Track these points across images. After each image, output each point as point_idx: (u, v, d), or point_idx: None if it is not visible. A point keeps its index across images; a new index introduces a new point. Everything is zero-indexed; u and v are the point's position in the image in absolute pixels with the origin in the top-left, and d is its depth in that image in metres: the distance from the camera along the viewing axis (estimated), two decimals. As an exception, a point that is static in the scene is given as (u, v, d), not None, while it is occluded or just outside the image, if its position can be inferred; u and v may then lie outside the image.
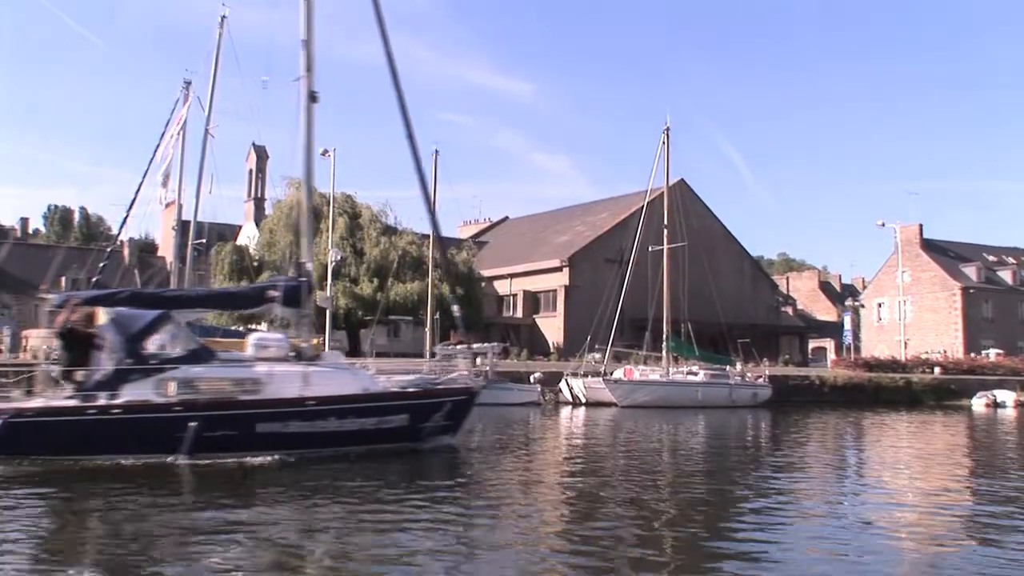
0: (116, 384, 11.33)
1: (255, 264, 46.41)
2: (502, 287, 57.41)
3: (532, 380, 31.68)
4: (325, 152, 34.11)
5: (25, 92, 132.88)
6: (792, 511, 9.36)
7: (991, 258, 66.51)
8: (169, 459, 10.88)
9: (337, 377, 12.71)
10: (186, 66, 30.78)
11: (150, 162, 27.80)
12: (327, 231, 39.38)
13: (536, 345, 50.54)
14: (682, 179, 49.73)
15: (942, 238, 65.69)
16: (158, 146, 27.80)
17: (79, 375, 11.56)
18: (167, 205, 40.12)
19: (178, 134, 27.69)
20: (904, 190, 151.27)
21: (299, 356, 12.87)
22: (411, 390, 13.68)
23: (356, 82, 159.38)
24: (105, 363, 11.61)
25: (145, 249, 68.02)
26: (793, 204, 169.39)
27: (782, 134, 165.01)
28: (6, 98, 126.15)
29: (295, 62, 14.91)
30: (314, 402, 11.85)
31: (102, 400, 11.19)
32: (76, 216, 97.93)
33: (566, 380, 32.21)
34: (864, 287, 75.78)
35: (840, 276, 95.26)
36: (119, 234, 34.76)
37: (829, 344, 73.08)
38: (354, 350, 42.07)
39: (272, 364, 12.24)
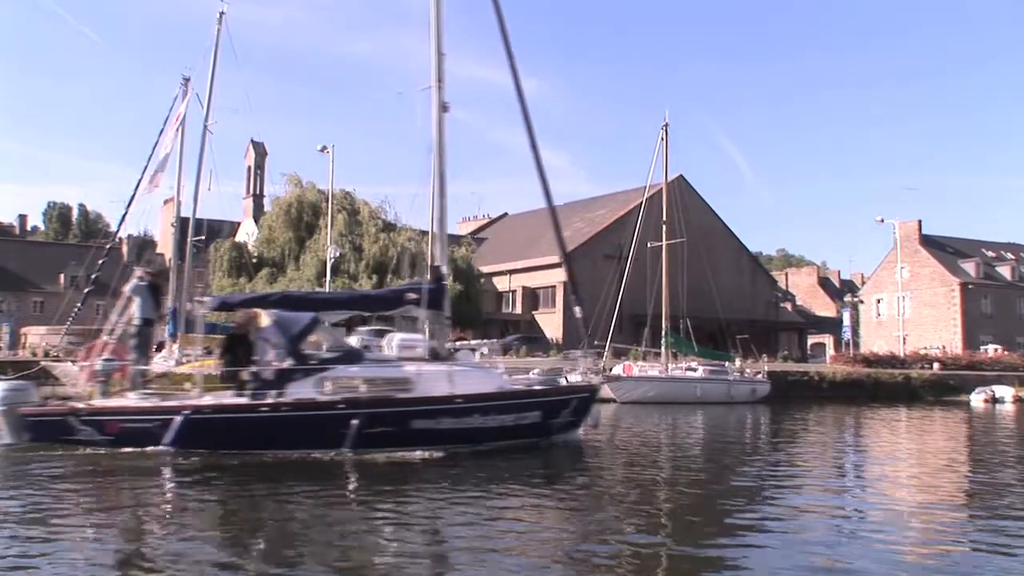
0: (280, 383, 11.94)
1: (254, 261, 46.44)
2: (501, 283, 57.40)
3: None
4: (324, 148, 34.06)
5: (23, 89, 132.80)
6: (791, 510, 9.37)
7: (990, 254, 66.53)
8: (332, 454, 11.44)
9: (476, 376, 13.41)
10: (185, 63, 30.75)
11: (149, 158, 27.82)
12: (326, 227, 39.34)
13: (535, 341, 50.57)
14: (681, 175, 49.72)
15: (941, 234, 65.70)
16: (157, 143, 27.82)
17: (243, 375, 12.27)
18: (165, 202, 40.14)
19: (177, 130, 27.67)
20: (903, 186, 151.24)
21: (436, 356, 13.48)
22: (542, 388, 14.46)
23: (355, 79, 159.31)
24: (268, 363, 12.25)
25: (144, 246, 67.93)
26: (792, 200, 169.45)
27: (781, 131, 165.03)
28: (5, 95, 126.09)
29: (295, 61, 14.83)
30: (462, 400, 12.48)
31: (272, 398, 11.82)
32: (75, 213, 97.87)
33: (565, 377, 32.15)
34: (863, 283, 75.82)
35: (839, 272, 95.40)
36: (118, 231, 34.73)
37: (828, 340, 73.14)
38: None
39: (419, 364, 12.92)
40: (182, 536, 7.27)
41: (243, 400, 11.94)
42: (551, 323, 52.73)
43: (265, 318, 12.72)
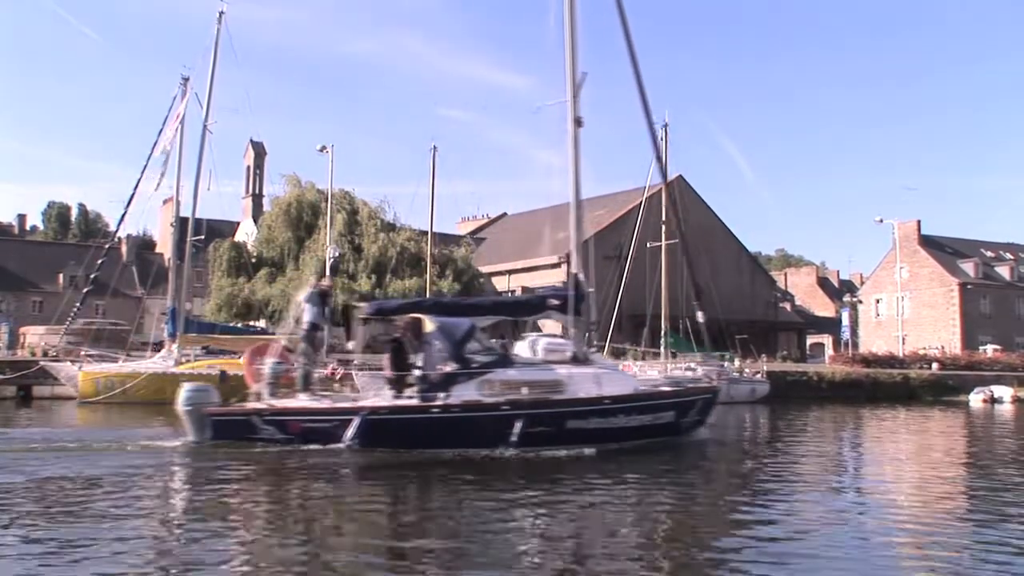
0: (445, 386, 12.68)
1: (253, 260, 46.42)
2: (500, 283, 57.40)
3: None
4: (323, 148, 34.06)
5: (23, 88, 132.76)
6: (790, 508, 9.38)
7: (989, 254, 66.59)
8: (496, 452, 12.08)
9: (615, 378, 14.20)
10: (184, 62, 30.73)
11: (148, 158, 27.86)
12: (325, 227, 39.33)
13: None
14: (680, 175, 49.73)
15: (940, 234, 65.75)
16: (156, 142, 27.84)
17: (409, 378, 13.03)
18: (165, 201, 40.14)
19: (176, 130, 27.69)
20: (903, 186, 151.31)
21: (576, 359, 13.98)
22: (673, 389, 15.21)
23: (355, 79, 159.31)
24: (432, 367, 12.93)
25: (143, 246, 67.99)
26: (791, 200, 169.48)
27: (781, 130, 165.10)
28: (5, 94, 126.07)
29: (295, 60, 15.00)
30: (609, 401, 13.23)
31: (442, 400, 12.56)
32: (74, 213, 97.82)
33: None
34: (862, 283, 75.89)
35: (838, 272, 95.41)
36: (117, 231, 34.76)
37: (827, 340, 73.18)
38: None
39: (568, 367, 13.60)
40: (361, 527, 7.91)
41: (415, 402, 12.70)
42: (550, 322, 52.66)
43: (429, 324, 13.34)
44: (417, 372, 13.01)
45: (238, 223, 61.51)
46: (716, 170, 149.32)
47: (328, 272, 34.14)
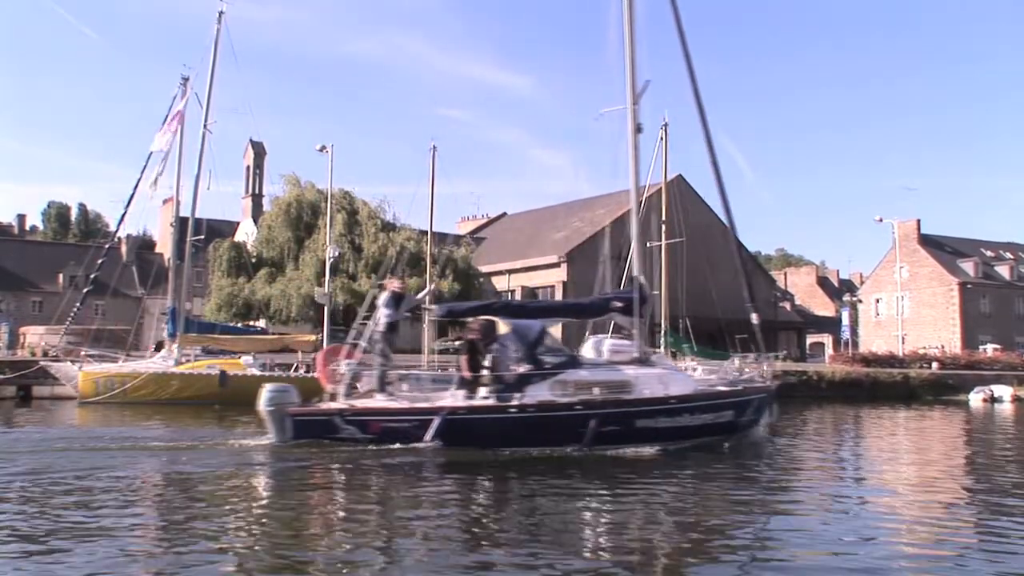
0: (520, 386, 13.03)
1: (253, 260, 46.41)
2: (500, 283, 57.41)
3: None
4: (323, 148, 34.01)
5: (23, 88, 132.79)
6: (788, 507, 9.38)
7: (989, 253, 66.62)
8: (569, 451, 12.53)
9: (677, 378, 14.52)
10: (184, 62, 30.71)
11: (148, 158, 27.84)
12: (325, 227, 39.31)
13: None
14: (680, 175, 49.73)
15: (940, 233, 65.75)
16: (155, 142, 27.82)
17: (484, 379, 13.39)
18: (164, 201, 40.12)
19: (176, 130, 27.68)
20: (903, 186, 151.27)
21: (638, 360, 14.31)
22: (730, 389, 15.34)
23: (355, 79, 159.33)
24: (506, 368, 13.34)
25: (143, 246, 67.98)
26: (791, 199, 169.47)
27: (781, 130, 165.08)
28: (4, 94, 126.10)
29: (294, 60, 15.11)
30: (675, 400, 13.60)
31: (518, 400, 12.92)
32: (74, 213, 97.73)
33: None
34: (862, 282, 75.92)
35: (838, 271, 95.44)
36: (117, 231, 34.72)
37: (827, 339, 73.21)
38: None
39: (634, 367, 13.98)
40: (443, 521, 8.29)
41: (492, 402, 13.06)
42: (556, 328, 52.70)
43: (503, 326, 13.88)
44: (487, 373, 13.41)
45: (238, 223, 61.51)
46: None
47: (328, 272, 34.11)
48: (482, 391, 13.24)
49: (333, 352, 14.68)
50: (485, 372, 13.39)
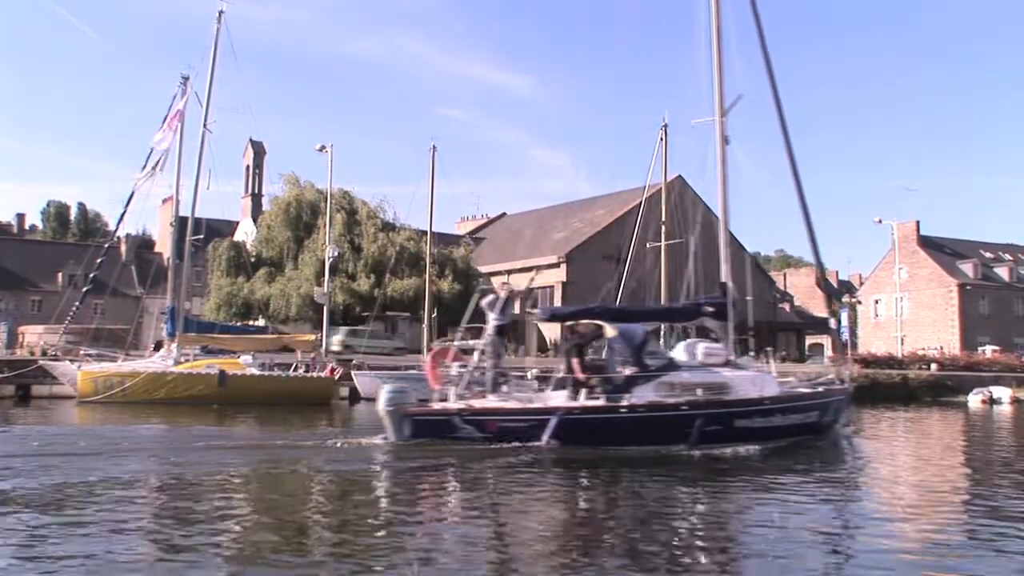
0: (627, 388, 13.58)
1: (252, 260, 46.42)
2: (499, 283, 57.39)
3: (530, 377, 31.57)
4: (322, 148, 34.04)
5: (23, 88, 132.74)
6: (788, 509, 9.38)
7: (988, 255, 66.65)
8: (676, 450, 12.97)
9: (766, 380, 15.02)
10: (184, 61, 30.70)
11: (147, 158, 27.81)
12: (324, 227, 39.34)
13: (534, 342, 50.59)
14: (680, 175, 49.72)
15: (939, 235, 65.77)
16: (153, 141, 27.78)
17: (594, 380, 13.90)
18: (164, 201, 40.11)
19: (175, 129, 27.64)
20: (903, 187, 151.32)
21: (729, 363, 14.87)
22: (813, 391, 15.93)
23: (354, 78, 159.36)
24: (614, 370, 13.96)
25: (143, 245, 67.95)
26: (791, 200, 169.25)
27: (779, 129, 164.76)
28: (4, 93, 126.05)
29: (294, 60, 15.19)
30: (769, 401, 14.24)
31: (627, 400, 13.42)
32: (73, 212, 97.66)
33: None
34: (861, 283, 75.97)
35: (837, 272, 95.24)
36: (116, 230, 34.64)
37: (826, 340, 73.11)
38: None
39: (728, 369, 14.57)
40: (562, 516, 8.88)
41: (602, 403, 13.54)
42: (549, 323, 52.64)
43: (610, 330, 14.35)
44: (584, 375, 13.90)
45: (237, 223, 61.50)
46: (714, 169, 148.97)
47: (327, 272, 34.11)
48: (585, 392, 13.71)
49: (441, 354, 15.23)
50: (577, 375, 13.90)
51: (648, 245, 35.44)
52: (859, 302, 67.85)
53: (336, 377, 27.70)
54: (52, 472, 10.17)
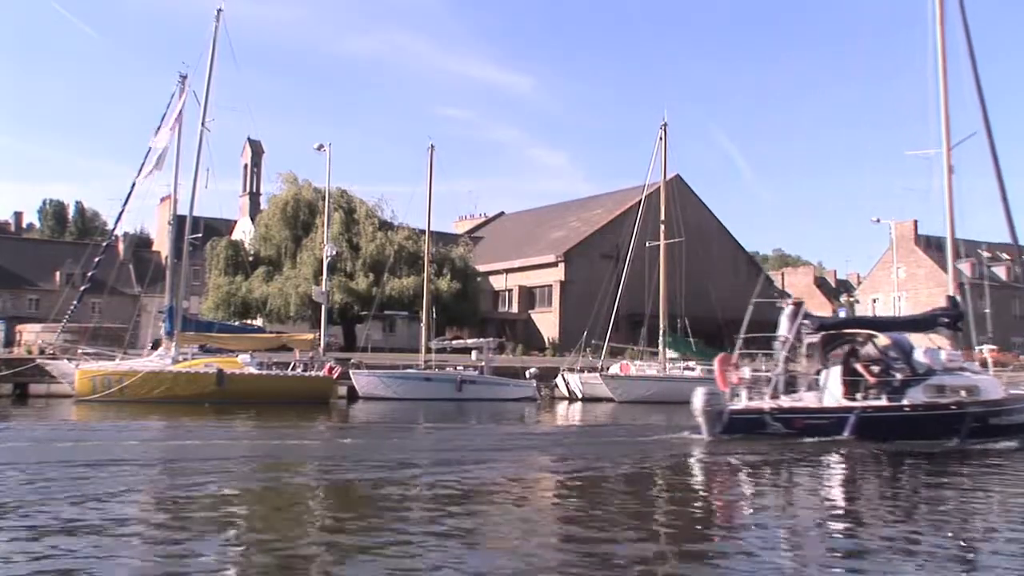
0: (903, 389, 15.33)
1: (250, 259, 46.37)
2: (497, 282, 57.42)
3: (528, 375, 31.64)
4: (320, 147, 33.95)
5: (21, 86, 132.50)
6: (788, 508, 9.37)
7: (986, 254, 66.67)
8: (947, 444, 14.51)
9: (996, 382, 16.81)
10: (183, 60, 30.59)
11: (145, 157, 27.74)
12: (323, 226, 39.29)
13: (532, 340, 50.58)
14: (678, 175, 49.74)
15: (937, 234, 65.76)
16: (153, 141, 27.71)
17: (864, 384, 15.57)
18: (162, 200, 40.02)
19: (174, 128, 27.58)
20: (902, 187, 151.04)
21: (962, 368, 16.41)
22: None
23: (354, 77, 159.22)
24: (891, 373, 15.61)
25: (140, 244, 67.84)
26: (789, 199, 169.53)
27: (779, 129, 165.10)
28: (2, 92, 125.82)
29: (293, 59, 15.07)
30: (1012, 401, 16.10)
31: (908, 400, 15.14)
32: (71, 211, 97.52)
33: (562, 376, 32.26)
34: (859, 283, 76.00)
35: (835, 272, 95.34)
36: (114, 229, 34.59)
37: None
38: (349, 346, 42.02)
39: (977, 373, 16.53)
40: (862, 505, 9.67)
41: (886, 402, 15.21)
42: (547, 322, 52.71)
43: (883, 339, 16.41)
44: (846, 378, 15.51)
45: (235, 221, 61.45)
46: (714, 168, 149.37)
47: (325, 271, 34.07)
48: (858, 393, 15.36)
49: (726, 360, 16.61)
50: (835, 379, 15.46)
51: (647, 244, 35.42)
52: (857, 301, 67.86)
53: (334, 376, 27.70)
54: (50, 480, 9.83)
